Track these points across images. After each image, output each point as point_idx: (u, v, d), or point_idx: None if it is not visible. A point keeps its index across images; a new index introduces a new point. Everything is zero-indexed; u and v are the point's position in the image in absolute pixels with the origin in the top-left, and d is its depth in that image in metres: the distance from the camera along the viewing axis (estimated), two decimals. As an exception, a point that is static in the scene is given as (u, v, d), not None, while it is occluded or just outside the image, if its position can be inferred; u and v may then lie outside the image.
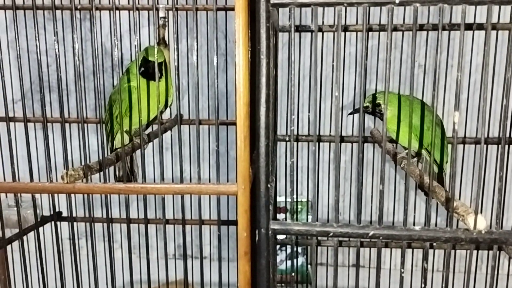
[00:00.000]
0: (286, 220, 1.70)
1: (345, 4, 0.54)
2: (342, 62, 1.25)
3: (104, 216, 1.20)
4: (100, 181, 0.64)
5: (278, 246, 1.60)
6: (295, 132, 1.33)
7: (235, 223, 0.99)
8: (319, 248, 1.58)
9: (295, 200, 1.63)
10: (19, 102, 1.27)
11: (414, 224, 0.61)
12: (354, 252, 0.56)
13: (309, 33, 1.25)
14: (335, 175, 0.58)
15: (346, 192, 1.66)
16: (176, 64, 0.68)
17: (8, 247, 1.11)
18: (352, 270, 1.43)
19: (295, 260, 1.68)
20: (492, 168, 1.14)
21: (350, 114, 1.07)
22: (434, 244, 0.58)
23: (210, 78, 1.43)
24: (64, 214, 1.28)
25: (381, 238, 0.58)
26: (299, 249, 1.71)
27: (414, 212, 1.30)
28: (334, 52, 0.55)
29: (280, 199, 1.63)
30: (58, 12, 1.38)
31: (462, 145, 1.23)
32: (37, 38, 0.62)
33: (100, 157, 0.71)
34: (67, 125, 1.28)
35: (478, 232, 0.57)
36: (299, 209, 1.69)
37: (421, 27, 1.18)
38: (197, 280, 1.51)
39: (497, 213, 0.57)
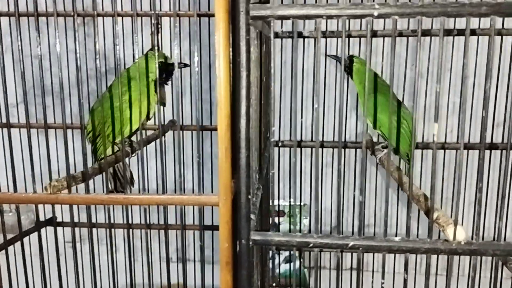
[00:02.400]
0: (279, 224, 1.70)
1: (324, 17, 0.55)
2: (323, 73, 1.25)
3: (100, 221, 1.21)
4: (94, 189, 0.64)
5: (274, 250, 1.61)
6: (278, 138, 1.34)
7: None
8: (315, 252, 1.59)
9: (288, 204, 1.64)
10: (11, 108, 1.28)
11: (396, 234, 0.62)
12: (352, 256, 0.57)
13: (312, 39, 1.25)
14: (315, 187, 0.58)
15: (345, 199, 1.66)
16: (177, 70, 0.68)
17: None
18: (349, 274, 1.43)
19: (291, 264, 1.68)
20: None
21: (329, 56, 1.12)
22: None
23: (196, 85, 1.43)
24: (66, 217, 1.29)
25: (360, 249, 0.58)
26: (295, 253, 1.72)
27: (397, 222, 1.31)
28: (317, 61, 0.55)
29: (282, 202, 1.64)
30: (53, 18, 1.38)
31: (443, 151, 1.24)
32: (39, 44, 0.63)
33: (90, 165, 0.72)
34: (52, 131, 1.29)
35: (458, 243, 0.57)
36: (296, 213, 1.69)
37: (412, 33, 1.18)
38: (198, 284, 1.52)
39: (477, 224, 0.57)
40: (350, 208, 1.40)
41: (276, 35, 1.22)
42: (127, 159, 0.92)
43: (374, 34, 1.18)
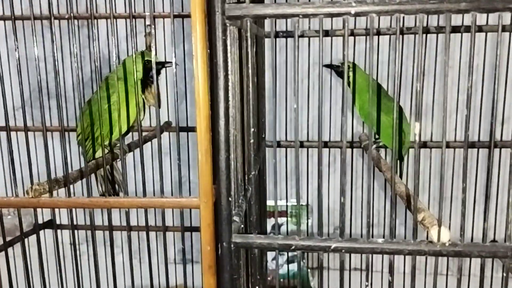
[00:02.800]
0: (281, 223, 1.69)
1: (300, 16, 0.54)
2: (307, 70, 1.24)
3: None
4: (82, 192, 0.64)
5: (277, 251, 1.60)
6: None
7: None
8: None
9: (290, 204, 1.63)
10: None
11: (378, 236, 0.60)
12: (356, 257, 0.56)
13: (306, 38, 1.24)
14: (296, 187, 0.57)
15: (338, 201, 1.65)
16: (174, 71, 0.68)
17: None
18: (353, 274, 1.42)
19: (290, 265, 1.67)
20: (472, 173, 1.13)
21: (325, 66, 1.12)
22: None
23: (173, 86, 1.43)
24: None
25: (343, 251, 0.57)
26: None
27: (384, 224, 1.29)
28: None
29: (281, 203, 1.63)
30: (56, 20, 1.39)
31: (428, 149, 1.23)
32: (35, 46, 0.63)
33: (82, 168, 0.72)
34: (49, 134, 1.29)
35: (442, 245, 0.55)
36: (294, 214, 1.68)
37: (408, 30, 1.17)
38: (197, 284, 1.52)
39: (461, 225, 0.56)
40: (356, 207, 1.38)
41: (277, 35, 1.21)
42: (117, 162, 0.92)
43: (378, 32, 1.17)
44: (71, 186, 0.66)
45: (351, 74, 1.05)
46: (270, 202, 1.50)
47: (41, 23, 1.36)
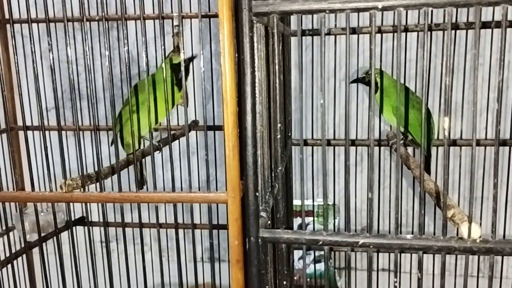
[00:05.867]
0: (307, 223, 1.69)
1: (327, 11, 0.54)
2: (333, 68, 1.24)
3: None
4: (112, 188, 0.66)
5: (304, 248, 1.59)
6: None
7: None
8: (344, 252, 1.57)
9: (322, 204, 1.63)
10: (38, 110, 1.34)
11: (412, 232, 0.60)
12: (383, 257, 0.56)
13: (332, 36, 1.24)
14: (323, 183, 0.57)
15: (366, 201, 1.63)
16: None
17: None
18: (381, 274, 1.40)
19: (317, 265, 1.66)
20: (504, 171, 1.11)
21: (352, 82, 1.12)
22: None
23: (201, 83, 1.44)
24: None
25: (371, 246, 0.57)
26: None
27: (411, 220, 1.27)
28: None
29: (307, 202, 1.62)
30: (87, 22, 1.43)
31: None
32: (68, 47, 0.66)
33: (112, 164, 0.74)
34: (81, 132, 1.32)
35: (473, 241, 0.55)
36: (321, 213, 1.67)
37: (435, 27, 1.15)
38: (224, 283, 1.53)
39: (493, 221, 0.55)
40: (384, 207, 1.37)
41: (303, 33, 1.21)
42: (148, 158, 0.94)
43: (406, 29, 1.15)
44: (103, 182, 0.68)
45: (378, 80, 1.05)
46: (296, 202, 1.50)
47: (72, 25, 1.40)
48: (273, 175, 0.76)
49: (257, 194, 0.58)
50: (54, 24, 1.38)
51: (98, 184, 0.66)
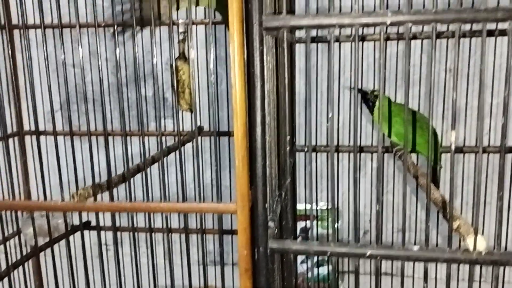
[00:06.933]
0: (310, 227, 1.70)
1: (336, 26, 0.55)
2: (337, 72, 1.24)
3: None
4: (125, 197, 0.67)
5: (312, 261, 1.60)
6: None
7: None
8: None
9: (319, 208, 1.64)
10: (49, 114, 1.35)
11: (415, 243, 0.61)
12: (386, 261, 0.57)
13: (337, 42, 1.25)
14: (331, 193, 0.58)
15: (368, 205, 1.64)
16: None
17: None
18: (383, 279, 1.41)
19: (320, 269, 1.67)
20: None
21: (357, 91, 1.11)
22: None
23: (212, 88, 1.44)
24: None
25: (378, 258, 0.58)
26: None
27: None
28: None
29: (312, 207, 1.63)
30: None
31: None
32: (78, 50, 0.67)
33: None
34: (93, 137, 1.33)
35: (478, 253, 0.56)
36: (323, 217, 1.68)
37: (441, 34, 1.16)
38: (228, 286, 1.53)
39: (498, 234, 0.56)
40: (385, 213, 1.38)
41: (309, 48, 1.23)
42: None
43: (414, 36, 1.16)
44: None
45: (377, 103, 1.06)
46: (299, 206, 1.51)
47: (87, 30, 1.40)
48: (280, 183, 0.77)
49: (266, 206, 0.60)
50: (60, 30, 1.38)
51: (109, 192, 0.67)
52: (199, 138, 1.38)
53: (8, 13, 1.28)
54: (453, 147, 0.55)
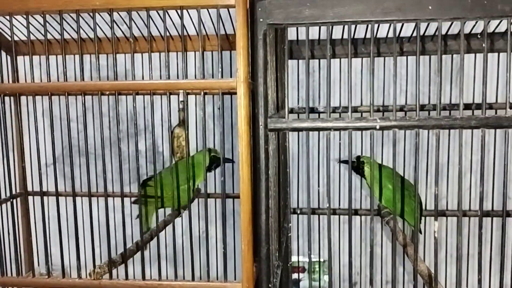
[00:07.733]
0: (303, 279, 1.74)
1: (332, 129, 0.62)
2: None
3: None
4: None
5: None
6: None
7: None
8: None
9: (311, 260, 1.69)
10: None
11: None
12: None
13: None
14: (328, 263, 0.64)
15: (358, 256, 1.69)
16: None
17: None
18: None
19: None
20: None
21: (340, 162, 1.21)
22: None
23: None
24: None
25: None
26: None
27: None
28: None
29: (303, 259, 1.68)
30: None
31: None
32: (101, 115, 0.73)
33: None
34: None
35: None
36: (315, 269, 1.73)
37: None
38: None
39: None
40: (375, 263, 1.43)
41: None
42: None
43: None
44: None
45: (367, 169, 1.13)
46: (292, 258, 1.56)
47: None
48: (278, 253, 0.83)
49: (270, 286, 0.66)
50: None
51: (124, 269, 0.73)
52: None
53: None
54: (436, 235, 0.63)
